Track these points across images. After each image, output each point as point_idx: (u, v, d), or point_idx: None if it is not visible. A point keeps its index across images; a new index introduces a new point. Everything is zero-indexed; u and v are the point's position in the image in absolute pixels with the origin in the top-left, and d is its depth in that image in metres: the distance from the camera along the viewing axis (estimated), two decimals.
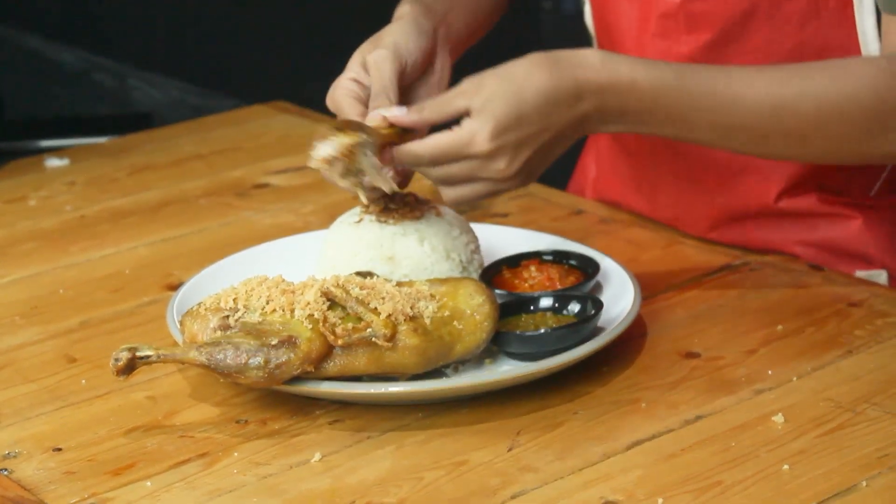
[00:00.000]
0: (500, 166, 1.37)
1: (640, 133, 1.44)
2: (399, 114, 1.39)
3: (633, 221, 1.76)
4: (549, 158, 1.40)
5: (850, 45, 1.54)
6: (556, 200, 1.84)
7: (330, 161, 1.35)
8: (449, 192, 1.40)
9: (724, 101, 1.39)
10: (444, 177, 1.39)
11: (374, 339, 1.31)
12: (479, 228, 1.59)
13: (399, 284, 1.38)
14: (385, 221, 1.51)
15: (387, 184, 1.39)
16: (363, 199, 1.42)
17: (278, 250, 1.62)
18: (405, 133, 1.40)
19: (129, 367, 1.30)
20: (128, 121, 2.32)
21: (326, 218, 1.73)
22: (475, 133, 1.35)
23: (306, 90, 2.39)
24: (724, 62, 1.58)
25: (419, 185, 1.53)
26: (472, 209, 1.78)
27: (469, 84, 1.38)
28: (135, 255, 1.73)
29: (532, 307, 1.44)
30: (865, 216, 1.64)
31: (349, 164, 1.36)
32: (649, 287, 1.55)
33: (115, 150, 2.11)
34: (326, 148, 1.35)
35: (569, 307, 1.43)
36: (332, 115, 1.49)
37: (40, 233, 1.81)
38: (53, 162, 2.05)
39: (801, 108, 1.40)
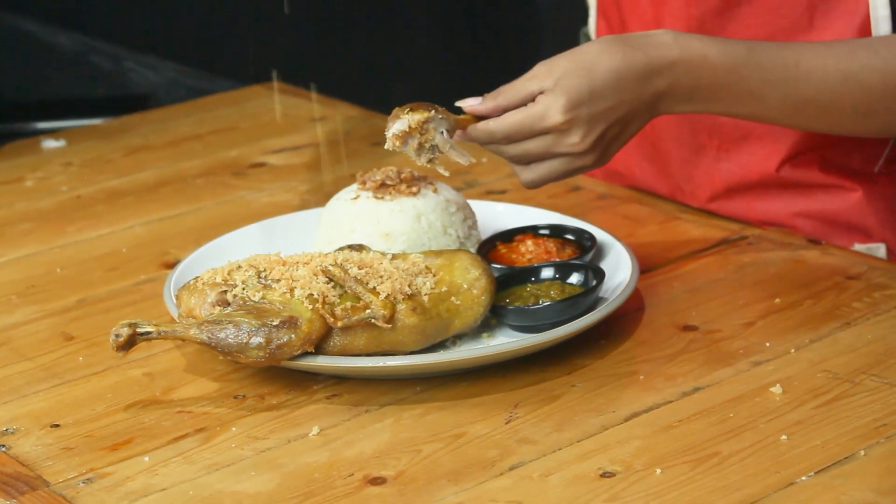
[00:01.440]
0: (575, 139, 1.38)
1: (712, 112, 1.45)
2: (474, 103, 1.41)
3: (630, 197, 1.76)
4: (623, 137, 1.42)
5: (858, 8, 1.53)
6: None
7: (403, 137, 1.37)
8: (525, 174, 1.42)
9: (795, 74, 1.42)
10: (519, 155, 1.40)
11: (373, 320, 1.31)
12: (475, 205, 1.58)
13: (393, 257, 1.38)
14: (382, 198, 1.51)
15: (463, 157, 1.40)
16: (445, 174, 1.42)
17: (275, 228, 1.61)
18: (479, 120, 1.41)
19: (129, 343, 1.29)
20: (124, 102, 2.31)
21: (323, 197, 1.73)
22: (548, 107, 1.37)
23: (303, 71, 2.38)
24: (735, 22, 1.58)
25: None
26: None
27: (541, 67, 1.39)
28: (131, 234, 1.73)
29: (533, 278, 1.44)
30: (865, 189, 1.64)
31: (423, 140, 1.38)
32: (647, 262, 1.55)
33: (112, 132, 2.11)
34: (399, 125, 1.38)
35: (570, 278, 1.43)
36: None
37: (37, 213, 1.81)
38: (50, 143, 2.05)
39: (868, 81, 1.43)
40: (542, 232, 1.53)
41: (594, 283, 1.41)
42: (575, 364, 1.36)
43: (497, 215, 1.62)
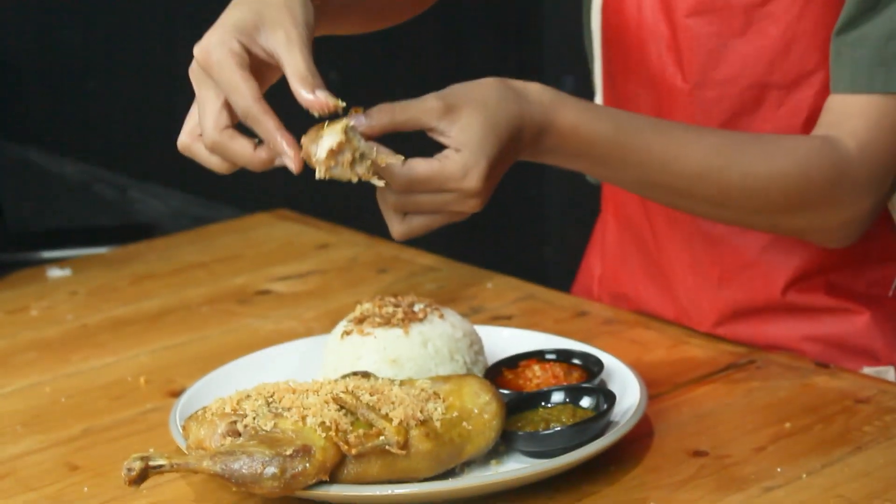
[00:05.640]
0: (478, 203, 1.34)
1: (565, 167, 1.45)
2: (358, 122, 1.29)
3: (637, 321, 1.75)
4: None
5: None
6: (559, 303, 1.83)
7: (335, 153, 1.25)
8: (401, 226, 1.35)
9: (655, 161, 1.43)
10: (406, 205, 1.33)
11: (387, 446, 1.29)
12: (481, 330, 1.58)
13: (401, 383, 1.37)
14: (387, 324, 1.51)
15: (394, 157, 1.29)
16: (380, 184, 1.30)
17: (281, 355, 1.61)
18: None
19: (142, 477, 1.27)
20: (130, 231, 2.33)
21: (328, 323, 1.72)
22: (469, 170, 1.31)
23: (307, 199, 2.39)
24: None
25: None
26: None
27: (436, 103, 1.32)
28: (136, 362, 1.72)
29: (544, 402, 1.43)
30: (873, 312, 1.64)
31: (352, 150, 1.26)
32: (655, 386, 1.54)
33: (117, 260, 2.11)
34: (327, 141, 1.25)
35: (581, 401, 1.42)
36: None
37: (42, 342, 1.81)
38: (55, 272, 2.05)
39: (727, 179, 1.45)
40: (548, 357, 1.53)
41: (606, 406, 1.40)
42: (584, 490, 1.34)
43: (503, 341, 1.61)
